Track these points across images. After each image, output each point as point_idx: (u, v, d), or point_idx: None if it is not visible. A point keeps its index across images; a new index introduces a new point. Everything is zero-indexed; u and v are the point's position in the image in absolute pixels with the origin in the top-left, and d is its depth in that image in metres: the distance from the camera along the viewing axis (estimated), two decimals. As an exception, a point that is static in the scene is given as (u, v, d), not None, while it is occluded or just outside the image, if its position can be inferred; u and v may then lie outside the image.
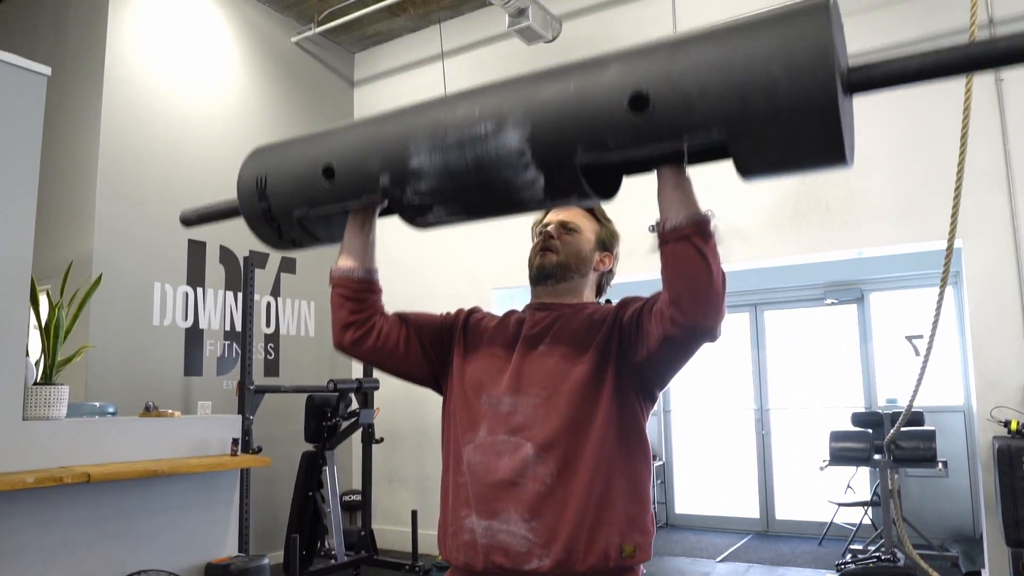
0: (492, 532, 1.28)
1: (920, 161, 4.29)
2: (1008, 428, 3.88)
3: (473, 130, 1.19)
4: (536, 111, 1.14)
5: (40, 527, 2.93)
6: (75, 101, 4.89)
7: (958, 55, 0.94)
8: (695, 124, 1.02)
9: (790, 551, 5.69)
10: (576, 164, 1.12)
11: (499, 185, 1.20)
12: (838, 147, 0.98)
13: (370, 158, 1.32)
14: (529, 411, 1.32)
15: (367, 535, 5.25)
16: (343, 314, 1.48)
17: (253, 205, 1.48)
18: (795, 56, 0.96)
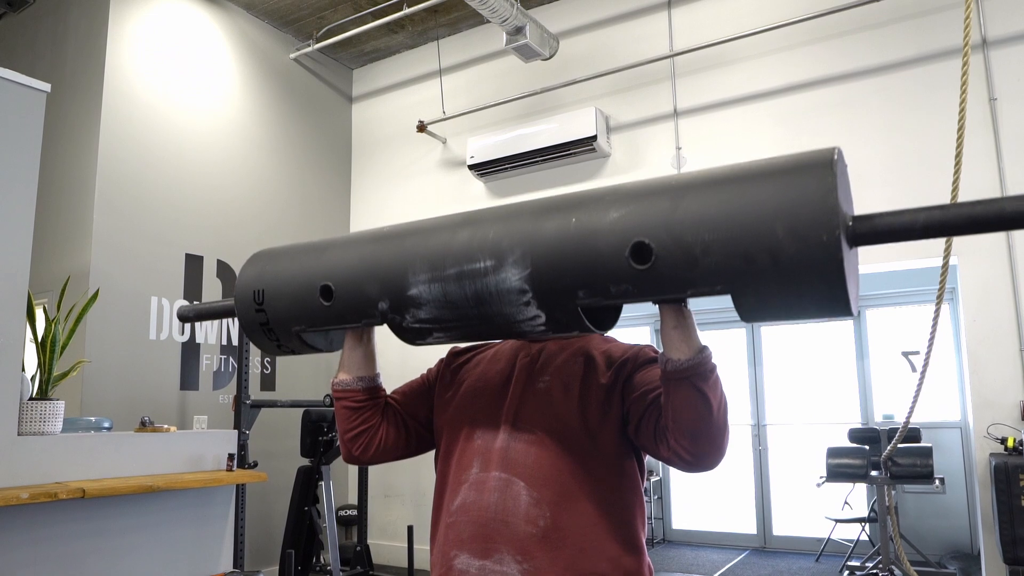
0: (485, 572, 1.25)
1: (915, 179, 4.32)
2: (1005, 445, 3.88)
3: (473, 265, 1.18)
4: (536, 251, 1.13)
5: (34, 543, 2.91)
6: (74, 117, 4.91)
7: (963, 215, 0.94)
8: (697, 280, 1.02)
9: (787, 567, 5.67)
10: (577, 306, 1.12)
11: (499, 319, 1.20)
12: (843, 303, 0.97)
13: (368, 283, 1.30)
14: (523, 448, 1.29)
15: (363, 550, 5.23)
16: (349, 425, 1.47)
17: (251, 316, 1.47)
18: (799, 219, 0.95)
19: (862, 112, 4.53)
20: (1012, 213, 0.90)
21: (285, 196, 6.02)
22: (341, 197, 6.60)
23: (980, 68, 4.17)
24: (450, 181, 6.11)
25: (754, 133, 4.83)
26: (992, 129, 4.14)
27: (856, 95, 4.55)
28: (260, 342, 1.51)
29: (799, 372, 6.72)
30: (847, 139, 4.53)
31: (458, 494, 1.33)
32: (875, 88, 4.51)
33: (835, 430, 5.96)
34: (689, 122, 5.09)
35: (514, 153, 5.51)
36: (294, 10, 5.84)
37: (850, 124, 4.55)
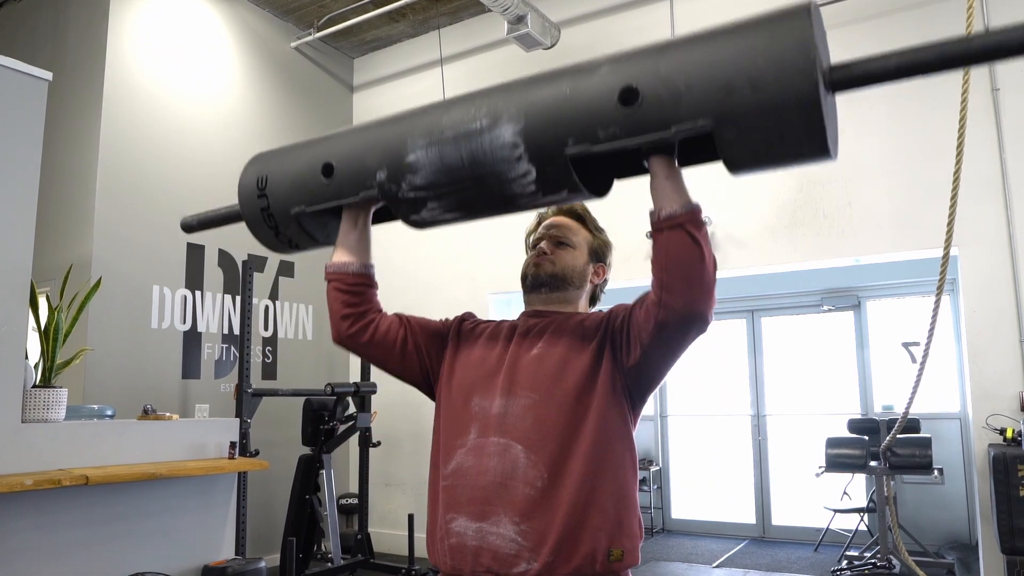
0: (482, 534, 1.27)
1: (917, 170, 4.32)
2: (1003, 436, 3.90)
3: (469, 126, 1.24)
4: (530, 107, 1.20)
5: (38, 529, 2.93)
6: (75, 105, 4.90)
7: (933, 54, 1.00)
8: (682, 115, 1.07)
9: (786, 557, 5.70)
10: (567, 156, 1.16)
11: (492, 180, 1.24)
12: (820, 138, 1.02)
13: (368, 155, 1.36)
14: (520, 413, 1.33)
15: (363, 538, 5.25)
16: (340, 307, 1.50)
17: (252, 204, 1.52)
18: (778, 50, 1.01)
19: (864, 103, 4.52)
20: (978, 49, 0.97)
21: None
22: (342, 187, 6.60)
23: (983, 59, 4.16)
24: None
25: (756, 123, 4.82)
26: (994, 120, 4.14)
27: (858, 85, 4.54)
28: (259, 231, 1.56)
29: (799, 362, 6.73)
30: (849, 130, 4.52)
31: (454, 458, 1.36)
32: (877, 79, 4.49)
33: (835, 421, 5.97)
34: (691, 112, 5.08)
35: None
36: (295, -1, 5.83)
37: (852, 115, 4.54)
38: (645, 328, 1.27)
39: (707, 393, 7.08)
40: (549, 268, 1.49)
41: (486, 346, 1.46)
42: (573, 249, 1.52)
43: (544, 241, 1.53)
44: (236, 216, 1.62)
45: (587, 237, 1.55)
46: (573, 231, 1.54)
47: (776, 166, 1.11)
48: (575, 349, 1.37)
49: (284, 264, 5.91)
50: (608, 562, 1.27)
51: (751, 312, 6.89)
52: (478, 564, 1.28)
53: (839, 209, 4.51)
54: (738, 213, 4.77)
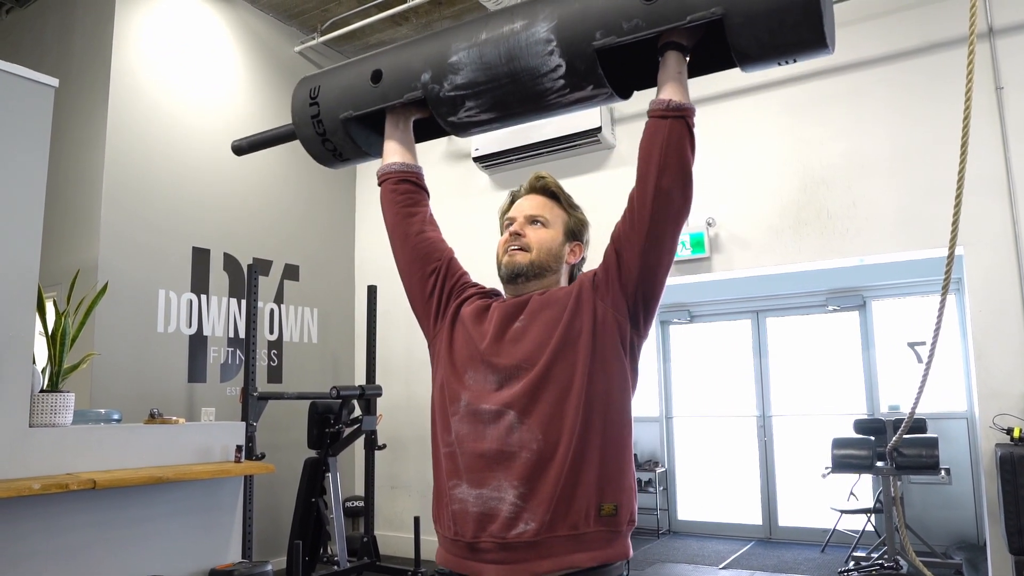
0: (483, 500, 1.29)
1: (921, 169, 4.31)
2: (1011, 436, 3.88)
3: (506, 26, 1.40)
4: (562, 7, 1.36)
5: (46, 533, 2.95)
6: (81, 111, 4.93)
7: None
8: (697, 6, 1.23)
9: (793, 558, 5.69)
10: (594, 48, 1.32)
11: (526, 75, 1.39)
12: (817, 24, 1.17)
13: (414, 59, 1.52)
14: (509, 381, 1.35)
15: (370, 541, 5.26)
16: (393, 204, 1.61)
17: (304, 112, 1.67)
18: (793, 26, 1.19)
19: (868, 102, 4.51)
20: None
21: (291, 189, 6.04)
22: (347, 189, 6.61)
23: (986, 57, 4.15)
24: (455, 173, 6.12)
25: (760, 124, 4.82)
26: (998, 118, 4.13)
27: (862, 85, 4.54)
28: (309, 139, 1.71)
29: (804, 363, 6.72)
30: (853, 129, 4.52)
31: (451, 426, 1.39)
32: (881, 77, 4.49)
33: (841, 421, 5.96)
34: (694, 113, 5.07)
35: (519, 145, 5.52)
36: (298, 3, 5.84)
37: (856, 114, 4.54)
38: (637, 228, 1.34)
39: (712, 394, 7.07)
40: (523, 258, 1.47)
41: (476, 321, 1.47)
42: (547, 228, 1.50)
43: (517, 222, 1.51)
44: (287, 135, 1.78)
45: (562, 215, 1.53)
46: (547, 209, 1.52)
47: (780, 56, 1.26)
48: (557, 312, 1.39)
49: (289, 267, 5.92)
50: (600, 517, 1.28)
51: (756, 313, 6.89)
52: (480, 529, 1.30)
53: (843, 209, 4.50)
54: (742, 214, 4.77)
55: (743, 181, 4.83)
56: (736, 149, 4.89)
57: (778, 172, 4.75)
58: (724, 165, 4.88)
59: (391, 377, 5.95)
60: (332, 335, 6.24)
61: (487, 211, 5.85)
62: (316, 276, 6.08)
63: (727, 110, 4.95)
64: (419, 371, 5.99)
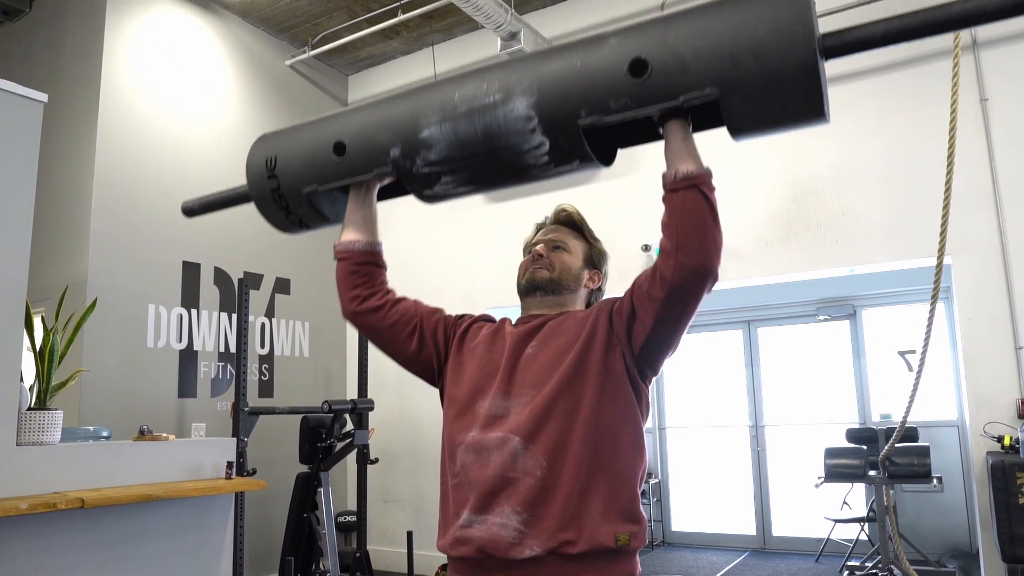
0: (487, 525, 1.31)
1: (909, 179, 4.34)
2: (1001, 444, 3.90)
3: (482, 100, 1.27)
4: (542, 81, 1.23)
5: (34, 553, 2.91)
6: (70, 126, 4.91)
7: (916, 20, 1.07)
8: (690, 85, 1.13)
9: (787, 568, 5.68)
10: (579, 127, 1.21)
11: (506, 152, 1.28)
12: (818, 103, 1.10)
13: (381, 132, 1.38)
14: (518, 410, 1.36)
15: (362, 556, 5.22)
16: (348, 285, 1.53)
17: (262, 184, 1.53)
18: (779, 20, 1.06)
19: (857, 114, 4.55)
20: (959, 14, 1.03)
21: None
22: (337, 203, 6.61)
23: (971, 69, 4.20)
24: (446, 186, 6.12)
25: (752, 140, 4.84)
26: (984, 129, 4.17)
27: (849, 97, 4.57)
28: (269, 211, 1.57)
29: (796, 373, 6.74)
30: (842, 141, 4.56)
31: (459, 457, 1.40)
32: (868, 90, 4.53)
33: (833, 430, 5.97)
34: (683, 125, 5.11)
35: (510, 158, 5.52)
36: (289, 17, 5.86)
37: (845, 126, 4.58)
38: (655, 297, 1.29)
39: (705, 404, 7.08)
40: (544, 274, 1.53)
41: (487, 348, 1.49)
42: (569, 253, 1.56)
43: (540, 244, 1.56)
44: (241, 197, 1.62)
45: (582, 244, 1.60)
46: (569, 237, 1.58)
47: (775, 130, 1.18)
48: (569, 341, 1.40)
49: (280, 281, 5.90)
50: (616, 546, 1.30)
51: (747, 323, 6.91)
52: (484, 553, 1.31)
53: (833, 219, 4.53)
54: (732, 225, 4.78)
55: (733, 193, 4.86)
56: (726, 161, 4.89)
57: (768, 183, 4.78)
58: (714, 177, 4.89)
59: (383, 391, 5.93)
60: (323, 349, 6.22)
61: (478, 222, 5.85)
62: (307, 290, 6.06)
63: (716, 122, 4.98)
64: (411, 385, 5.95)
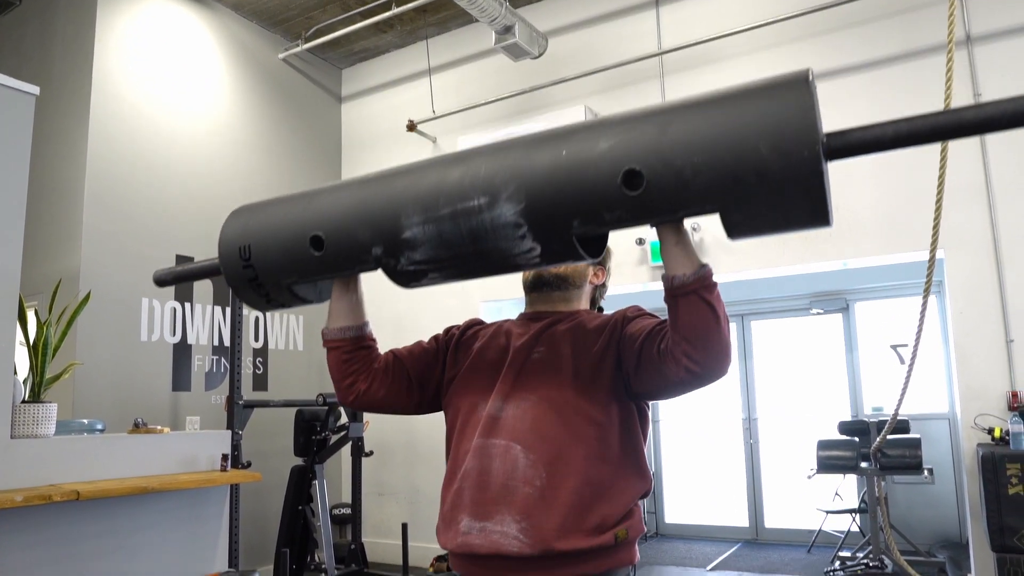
0: (486, 533, 1.32)
1: (903, 174, 4.36)
2: (992, 435, 3.93)
3: (467, 203, 1.18)
4: (530, 185, 1.13)
5: (29, 546, 2.91)
6: (62, 119, 4.89)
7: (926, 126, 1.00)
8: (689, 201, 1.06)
9: (779, 559, 5.72)
10: (573, 235, 1.14)
11: (495, 255, 1.21)
12: (823, 213, 1.03)
13: (360, 229, 1.28)
14: (520, 415, 1.36)
15: (357, 548, 5.24)
16: (342, 374, 1.51)
17: (238, 273, 1.44)
18: (782, 137, 0.99)
19: (849, 108, 4.56)
20: (971, 121, 0.96)
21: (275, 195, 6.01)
22: (331, 196, 6.59)
23: (965, 65, 4.22)
24: (440, 179, 6.11)
25: (742, 129, 4.86)
26: (977, 123, 4.18)
27: (843, 91, 4.59)
28: (248, 298, 1.49)
29: (789, 366, 6.77)
30: (834, 134, 4.57)
31: (461, 463, 1.41)
32: (862, 84, 4.55)
33: (825, 423, 6.01)
34: (678, 119, 5.11)
35: (504, 151, 5.52)
36: (283, 10, 5.83)
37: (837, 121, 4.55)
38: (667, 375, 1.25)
39: (698, 397, 7.10)
40: (552, 270, 1.52)
41: (487, 351, 1.49)
42: None
43: None
44: (214, 271, 1.53)
45: None
46: None
47: (776, 234, 1.10)
48: (576, 350, 1.40)
49: (274, 275, 5.90)
50: (616, 543, 1.32)
51: (741, 316, 6.93)
52: (484, 560, 1.34)
53: (826, 213, 4.54)
54: (726, 218, 4.80)
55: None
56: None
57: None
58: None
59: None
60: (318, 342, 6.17)
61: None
62: (301, 283, 6.05)
63: (710, 115, 4.99)
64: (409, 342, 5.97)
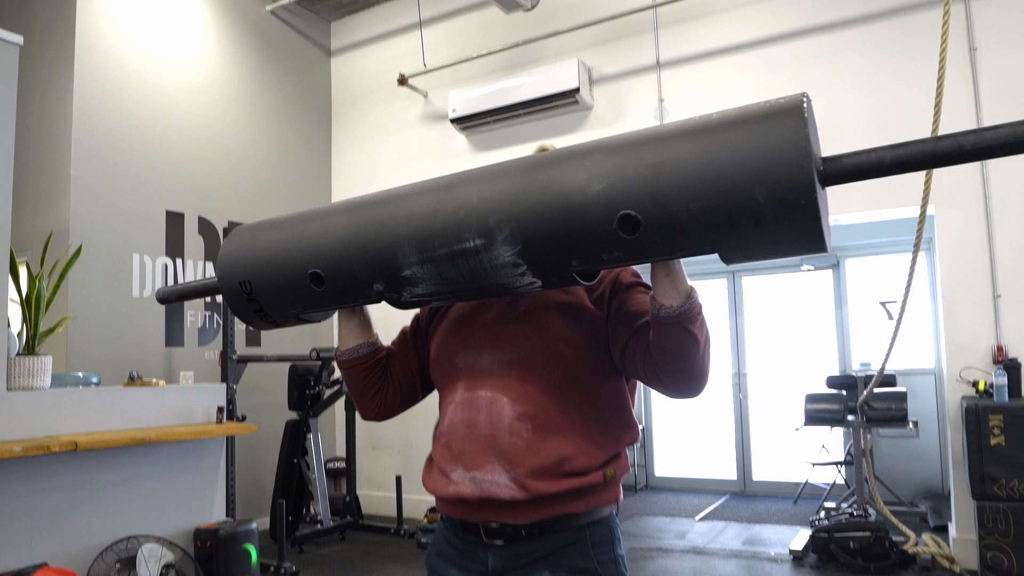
0: (477, 482, 1.35)
1: (895, 128, 4.35)
2: (976, 388, 4.01)
3: (462, 245, 1.19)
4: (524, 228, 1.14)
5: (29, 495, 2.95)
6: (46, 71, 4.80)
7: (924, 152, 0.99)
8: (685, 244, 1.07)
9: (766, 509, 5.85)
10: (572, 271, 1.18)
11: (497, 287, 1.24)
12: (820, 245, 1.03)
13: (358, 266, 1.30)
14: (506, 367, 1.37)
15: (352, 500, 5.32)
16: (362, 392, 1.55)
17: (244, 306, 1.48)
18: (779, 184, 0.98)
19: (844, 61, 4.54)
20: (971, 148, 0.95)
21: (265, 152, 5.95)
22: (322, 152, 6.54)
23: (961, 18, 4.18)
24: (432, 135, 6.07)
25: (737, 84, 4.83)
26: (972, 79, 4.17)
27: (838, 45, 4.55)
28: (255, 323, 1.53)
29: (779, 322, 6.83)
30: (829, 88, 4.54)
31: (448, 415, 1.42)
32: (857, 37, 4.51)
33: (814, 379, 6.09)
34: (672, 73, 5.08)
35: (496, 106, 5.48)
36: (269, -41, 5.70)
37: (832, 74, 4.56)
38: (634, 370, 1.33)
39: (689, 353, 7.17)
40: None
41: (471, 304, 1.49)
42: None
43: None
44: (214, 289, 1.55)
45: None
46: None
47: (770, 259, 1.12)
48: (564, 308, 1.40)
49: (265, 231, 5.87)
50: (604, 482, 1.36)
51: (732, 272, 6.97)
52: (475, 507, 1.37)
53: (819, 169, 4.54)
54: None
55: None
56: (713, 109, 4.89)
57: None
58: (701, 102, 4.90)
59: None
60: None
61: (465, 172, 5.82)
62: (293, 239, 6.03)
63: (704, 70, 4.95)
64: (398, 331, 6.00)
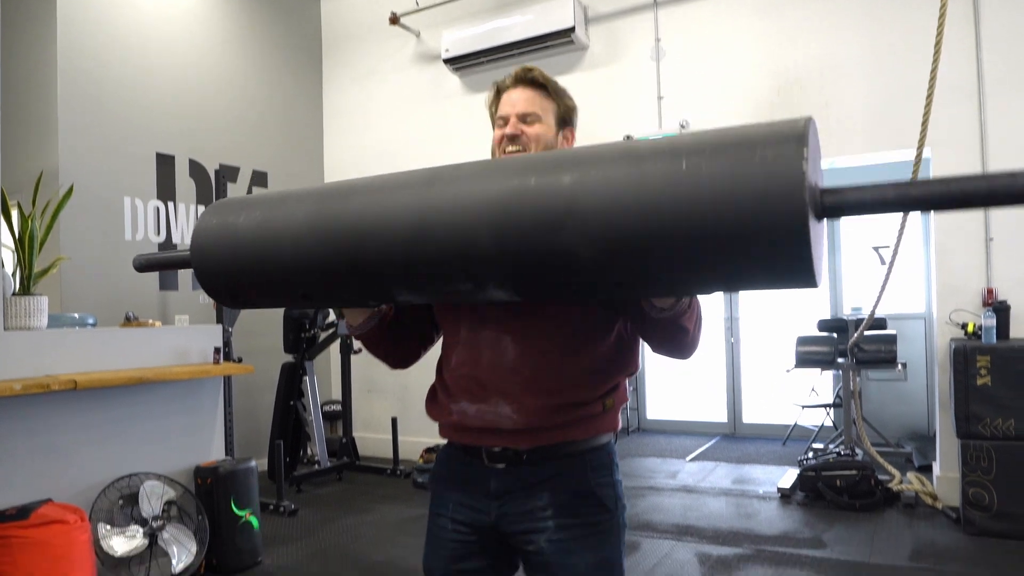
0: (481, 413, 1.39)
1: (893, 71, 4.31)
2: (965, 331, 4.06)
3: (453, 286, 1.12)
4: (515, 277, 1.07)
5: (29, 433, 2.98)
6: (32, 9, 4.67)
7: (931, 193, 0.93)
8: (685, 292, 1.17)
9: (755, 450, 5.97)
10: None
11: None
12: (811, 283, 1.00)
13: (347, 288, 1.24)
14: (511, 309, 1.38)
15: (348, 442, 5.41)
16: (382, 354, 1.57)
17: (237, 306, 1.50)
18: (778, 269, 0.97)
19: (842, 3, 4.46)
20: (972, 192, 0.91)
21: (255, 93, 5.85)
22: (313, 94, 6.43)
23: (965, -36, 4.10)
24: (425, 77, 5.97)
25: (734, 24, 4.75)
26: (973, 22, 4.11)
27: (839, -16, 4.47)
28: None
29: (772, 267, 6.86)
30: (827, 31, 4.48)
31: (455, 353, 1.45)
32: (859, -23, 4.43)
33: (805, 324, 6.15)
34: (669, 12, 4.98)
35: (490, 46, 5.38)
36: None
37: (830, 15, 4.49)
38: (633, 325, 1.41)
39: (682, 298, 7.21)
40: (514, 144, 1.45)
41: None
42: (541, 122, 1.46)
43: (510, 123, 1.46)
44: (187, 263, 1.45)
45: (551, 105, 1.49)
46: (537, 102, 1.47)
47: None
48: None
49: (257, 174, 5.81)
50: (603, 411, 1.41)
51: (726, 218, 6.96)
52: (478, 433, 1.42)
53: (816, 110, 4.50)
54: (715, 115, 4.75)
55: (716, 84, 4.80)
56: (709, 51, 4.83)
57: (751, 74, 4.72)
58: (697, 68, 4.84)
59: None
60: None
61: (459, 115, 5.75)
62: (285, 182, 5.98)
63: (699, 12, 4.86)
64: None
